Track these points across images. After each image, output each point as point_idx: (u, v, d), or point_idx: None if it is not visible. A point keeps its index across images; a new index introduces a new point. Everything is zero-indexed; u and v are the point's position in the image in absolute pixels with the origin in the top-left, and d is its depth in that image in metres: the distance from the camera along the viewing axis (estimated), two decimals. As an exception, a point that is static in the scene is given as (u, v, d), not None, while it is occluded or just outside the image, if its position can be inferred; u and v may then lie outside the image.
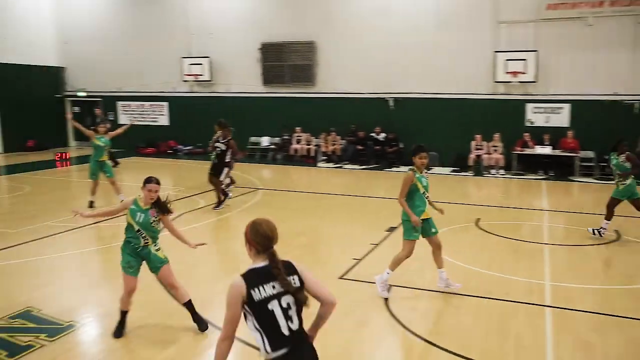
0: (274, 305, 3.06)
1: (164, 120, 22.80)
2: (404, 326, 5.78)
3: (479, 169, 16.80)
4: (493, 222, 10.32)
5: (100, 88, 23.58)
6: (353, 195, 13.40)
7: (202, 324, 5.63)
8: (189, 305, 5.64)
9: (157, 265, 5.52)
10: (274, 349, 3.04)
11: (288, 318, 3.08)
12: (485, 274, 7.39)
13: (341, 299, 6.28)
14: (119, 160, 17.66)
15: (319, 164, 19.01)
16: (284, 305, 3.09)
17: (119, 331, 5.52)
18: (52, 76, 23.67)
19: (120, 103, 23.50)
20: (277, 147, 20.46)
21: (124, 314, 5.56)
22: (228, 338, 3.12)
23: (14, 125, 21.65)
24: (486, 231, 9.65)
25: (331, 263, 7.96)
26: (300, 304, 3.13)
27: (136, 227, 5.38)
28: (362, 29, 18.89)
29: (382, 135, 18.69)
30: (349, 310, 6.11)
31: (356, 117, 19.36)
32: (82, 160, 20.16)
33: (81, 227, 9.73)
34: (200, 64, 21.28)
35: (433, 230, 6.52)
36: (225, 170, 11.56)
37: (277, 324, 3.05)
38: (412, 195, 6.41)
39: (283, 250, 8.64)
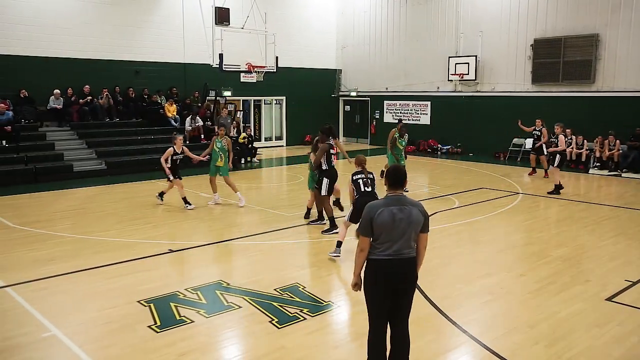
0: (360, 180, 7.80)
1: (425, 119, 23.24)
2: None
3: None
4: None
5: (369, 88, 25.26)
6: (630, 208, 11.75)
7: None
8: None
9: None
10: (356, 194, 7.75)
11: (365, 185, 7.72)
12: None
13: (608, 324, 5.68)
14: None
15: (591, 171, 17.15)
16: (365, 181, 7.75)
17: None
18: (330, 78, 26.18)
19: (386, 102, 24.76)
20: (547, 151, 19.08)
21: None
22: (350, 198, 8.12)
23: (296, 121, 24.66)
24: None
25: (596, 281, 7.13)
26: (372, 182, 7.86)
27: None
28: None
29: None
30: (617, 340, 5.40)
31: (643, 119, 16.93)
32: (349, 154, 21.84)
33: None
34: (467, 63, 21.08)
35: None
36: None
37: (359, 186, 7.75)
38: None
39: (543, 261, 8.17)
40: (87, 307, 6.24)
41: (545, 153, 15.99)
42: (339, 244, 8.09)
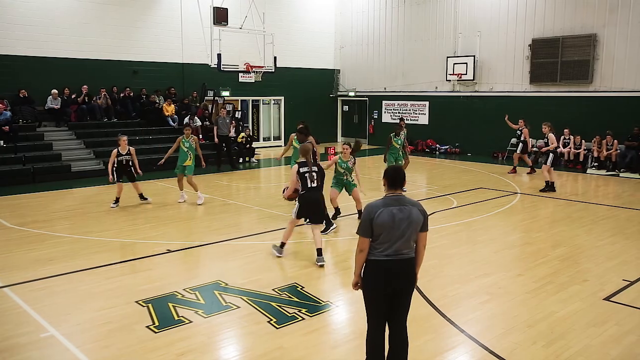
0: (306, 174, 7.81)
1: (423, 119, 23.26)
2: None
3: None
4: None
5: (367, 88, 25.27)
6: (628, 208, 11.77)
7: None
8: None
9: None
10: (302, 190, 7.81)
11: (312, 180, 7.81)
12: None
13: (606, 324, 5.70)
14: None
15: (589, 170, 17.18)
16: (311, 176, 7.84)
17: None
18: (328, 78, 26.19)
19: (384, 102, 24.78)
20: (540, 150, 19.13)
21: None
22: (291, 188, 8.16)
23: (294, 121, 24.57)
24: None
25: (594, 281, 7.15)
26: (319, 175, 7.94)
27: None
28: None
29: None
30: (614, 340, 5.42)
31: (640, 118, 16.99)
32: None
33: (347, 215, 10.58)
34: (465, 63, 21.10)
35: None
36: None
37: (306, 181, 7.81)
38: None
39: (540, 261, 8.20)
40: (85, 308, 6.24)
41: (518, 151, 16.70)
42: (282, 245, 8.14)
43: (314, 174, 7.90)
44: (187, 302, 6.36)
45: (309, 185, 7.86)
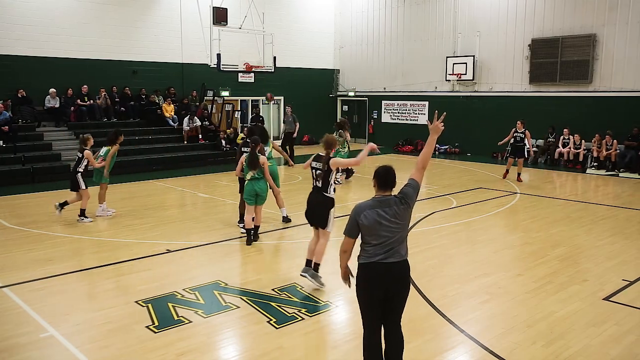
0: (313, 170, 6.85)
1: (423, 119, 23.26)
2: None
3: None
4: None
5: (367, 88, 25.27)
6: (628, 208, 11.77)
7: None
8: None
9: None
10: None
11: (315, 179, 6.80)
12: None
13: (605, 323, 5.70)
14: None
15: (588, 170, 17.18)
16: (316, 172, 6.79)
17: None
18: (328, 78, 26.19)
19: (384, 102, 24.78)
20: (539, 150, 19.15)
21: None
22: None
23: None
24: None
25: (593, 281, 7.15)
26: (321, 174, 6.71)
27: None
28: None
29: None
30: (614, 339, 5.42)
31: (640, 118, 17.01)
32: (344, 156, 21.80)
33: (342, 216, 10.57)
34: (464, 63, 21.11)
35: None
36: None
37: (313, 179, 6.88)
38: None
39: (540, 261, 8.18)
40: (85, 308, 6.24)
41: (527, 156, 15.92)
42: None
43: (319, 171, 6.76)
44: (186, 302, 6.36)
45: (314, 184, 6.88)
